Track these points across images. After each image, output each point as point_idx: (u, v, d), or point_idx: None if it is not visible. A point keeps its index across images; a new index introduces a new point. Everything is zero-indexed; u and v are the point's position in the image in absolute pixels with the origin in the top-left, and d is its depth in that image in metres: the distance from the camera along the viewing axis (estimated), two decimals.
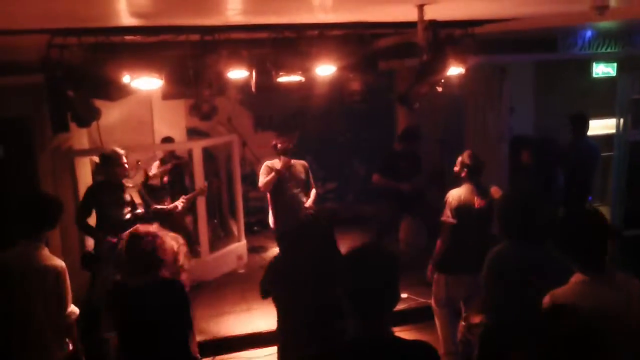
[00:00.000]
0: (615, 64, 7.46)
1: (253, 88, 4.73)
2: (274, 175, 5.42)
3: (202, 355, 3.56)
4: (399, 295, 1.97)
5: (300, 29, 4.48)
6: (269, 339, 4.31)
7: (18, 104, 5.16)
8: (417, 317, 5.22)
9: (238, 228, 7.18)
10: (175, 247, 3.22)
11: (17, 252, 3.17)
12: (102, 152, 5.05)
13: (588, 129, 6.12)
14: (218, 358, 4.94)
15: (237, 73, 4.54)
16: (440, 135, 7.45)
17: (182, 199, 5.33)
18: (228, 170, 7.67)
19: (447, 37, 4.52)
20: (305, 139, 7.84)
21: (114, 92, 4.35)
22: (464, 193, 4.25)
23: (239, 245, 7.08)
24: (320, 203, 7.30)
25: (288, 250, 3.36)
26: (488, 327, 3.05)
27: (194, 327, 3.34)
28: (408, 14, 3.88)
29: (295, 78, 4.64)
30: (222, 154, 7.81)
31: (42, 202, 3.32)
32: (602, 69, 7.51)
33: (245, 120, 8.67)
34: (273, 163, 5.53)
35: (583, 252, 2.42)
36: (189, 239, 5.61)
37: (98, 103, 4.51)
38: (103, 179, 5.04)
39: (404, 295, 5.42)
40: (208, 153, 7.22)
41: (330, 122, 8.69)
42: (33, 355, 3.17)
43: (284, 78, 4.60)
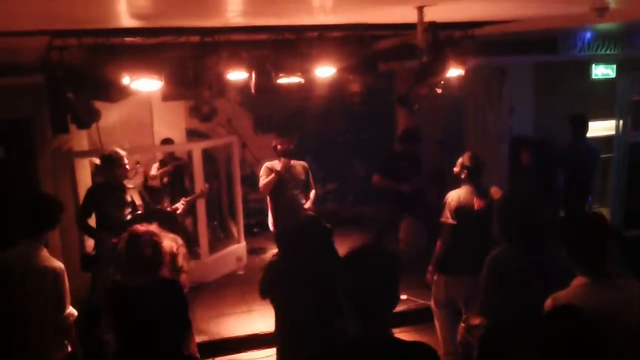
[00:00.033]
0: (615, 66, 7.49)
1: (253, 89, 4.73)
2: (274, 177, 5.41)
3: (201, 356, 3.56)
4: (399, 296, 1.97)
5: (300, 31, 4.48)
6: (269, 340, 4.32)
7: (18, 106, 5.17)
8: (416, 318, 5.22)
9: (238, 229, 7.18)
10: (174, 247, 3.23)
11: (17, 252, 3.17)
12: (102, 153, 5.05)
13: (588, 130, 6.13)
14: (218, 359, 4.94)
15: (237, 74, 4.54)
16: (440, 136, 7.45)
17: (182, 201, 5.32)
18: (228, 172, 7.67)
19: (446, 38, 4.52)
20: (305, 140, 7.82)
21: (114, 93, 4.34)
22: (463, 194, 4.26)
23: (239, 247, 7.07)
24: (320, 204, 7.31)
25: (288, 251, 3.36)
26: (488, 328, 3.04)
27: (194, 328, 3.34)
28: (408, 16, 3.88)
29: (295, 79, 4.63)
30: (221, 156, 7.80)
31: (42, 202, 3.32)
32: (601, 71, 7.54)
33: (245, 122, 8.65)
34: (273, 164, 5.52)
35: (584, 255, 2.43)
36: (189, 240, 5.62)
37: (98, 104, 4.51)
38: (103, 180, 5.05)
39: (404, 297, 5.42)
40: (208, 154, 7.21)
41: (330, 123, 8.68)
42: (32, 355, 3.17)
43: (284, 79, 4.59)
